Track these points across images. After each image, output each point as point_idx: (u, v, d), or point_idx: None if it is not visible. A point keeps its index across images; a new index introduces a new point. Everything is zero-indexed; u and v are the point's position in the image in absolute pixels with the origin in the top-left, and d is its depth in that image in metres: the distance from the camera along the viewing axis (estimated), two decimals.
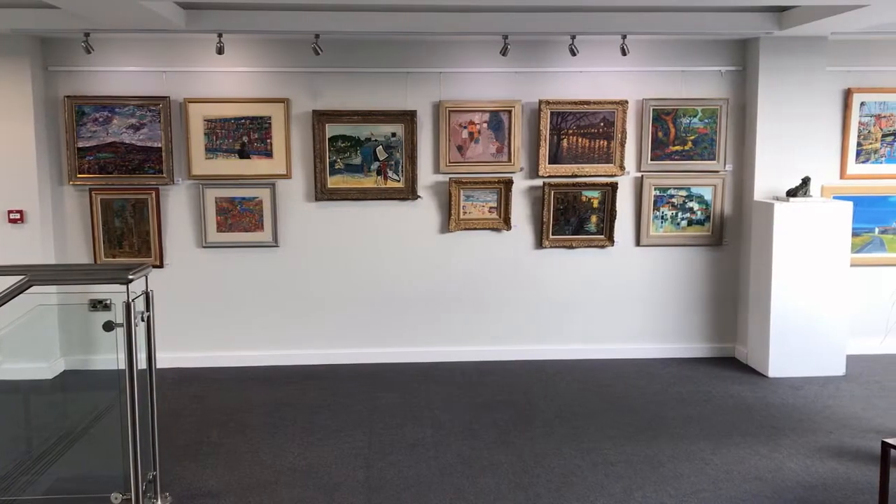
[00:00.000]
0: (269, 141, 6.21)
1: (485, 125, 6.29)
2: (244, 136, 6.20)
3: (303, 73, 6.18)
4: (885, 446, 3.70)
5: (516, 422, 5.11)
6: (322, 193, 6.27)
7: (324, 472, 4.37)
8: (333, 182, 6.27)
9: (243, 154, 6.22)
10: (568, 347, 6.54)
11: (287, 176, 6.26)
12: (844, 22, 5.30)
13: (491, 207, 6.38)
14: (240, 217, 6.28)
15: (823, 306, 5.94)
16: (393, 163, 6.27)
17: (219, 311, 6.38)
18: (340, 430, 5.00)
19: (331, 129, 6.21)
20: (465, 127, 6.28)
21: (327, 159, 6.23)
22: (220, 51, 5.66)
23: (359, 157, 6.25)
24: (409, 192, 6.31)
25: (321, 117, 6.18)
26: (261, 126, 6.19)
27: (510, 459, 4.52)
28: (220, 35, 5.62)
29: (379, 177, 6.28)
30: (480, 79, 6.26)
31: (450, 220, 6.35)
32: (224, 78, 6.17)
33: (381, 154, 6.26)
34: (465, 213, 6.37)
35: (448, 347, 6.49)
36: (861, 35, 6.05)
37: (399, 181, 6.30)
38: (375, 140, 6.24)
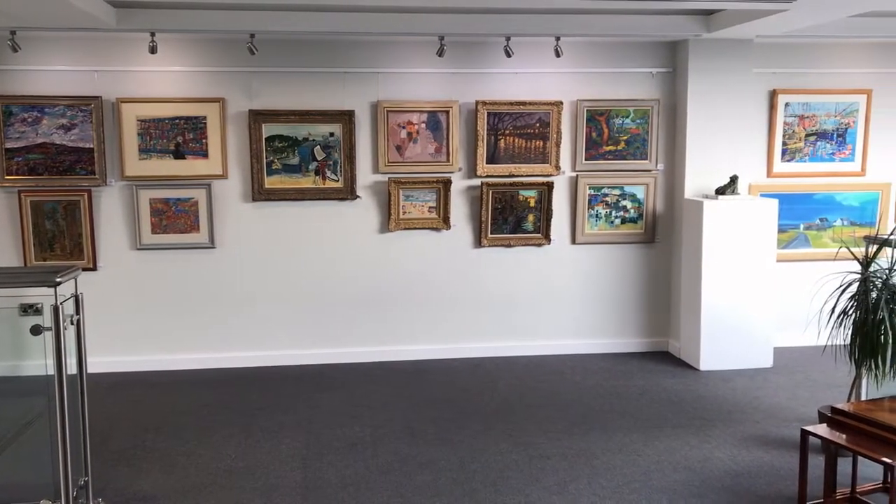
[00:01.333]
0: (204, 141, 6.15)
1: (423, 125, 6.33)
2: (179, 136, 6.12)
3: (238, 73, 6.13)
4: (804, 434, 3.86)
5: (455, 419, 5.17)
6: (259, 194, 6.23)
7: (261, 474, 4.35)
8: (271, 182, 6.24)
9: (178, 154, 6.14)
10: (507, 344, 6.63)
11: (223, 176, 6.21)
12: (767, 25, 5.50)
13: (430, 207, 6.43)
14: (175, 218, 6.20)
15: (751, 301, 6.14)
16: (331, 163, 6.27)
17: (155, 313, 6.29)
18: (279, 431, 4.99)
19: (268, 129, 6.18)
20: (403, 127, 6.32)
21: (264, 159, 6.20)
22: (152, 50, 5.59)
23: (296, 157, 6.24)
24: (347, 192, 6.32)
25: (258, 117, 6.15)
26: (196, 126, 6.13)
27: (448, 456, 4.57)
28: (152, 34, 5.55)
29: (317, 177, 6.27)
30: (418, 79, 6.30)
31: (389, 219, 6.37)
32: (157, 77, 6.08)
33: (320, 154, 6.25)
34: (404, 212, 6.41)
35: (389, 347, 6.52)
36: (784, 38, 6.27)
37: (338, 181, 6.30)
38: (313, 140, 6.23)
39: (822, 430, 3.86)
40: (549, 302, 6.65)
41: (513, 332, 6.64)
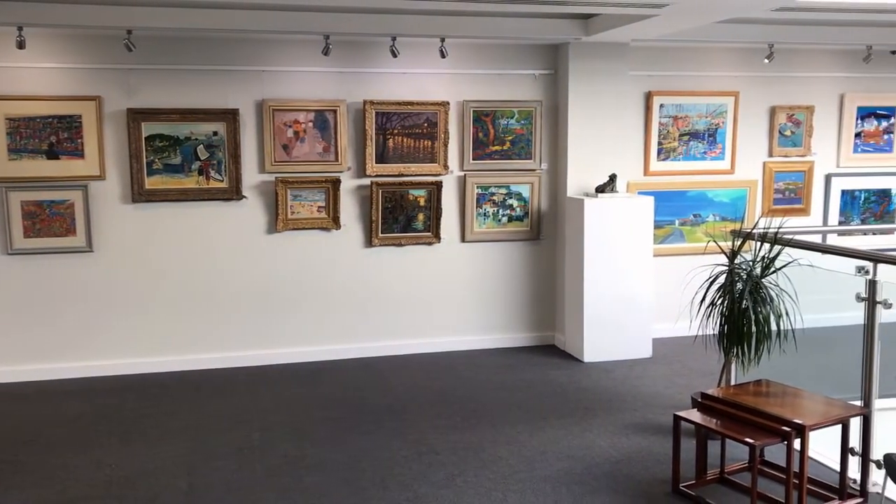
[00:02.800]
0: (80, 141, 5.90)
1: (310, 124, 6.29)
2: (52, 135, 5.86)
3: (115, 70, 5.92)
4: (677, 419, 4.07)
5: (346, 419, 5.17)
6: (140, 195, 6.04)
7: (143, 483, 4.23)
8: (152, 183, 6.06)
9: (52, 154, 5.88)
10: (400, 343, 6.67)
11: (101, 177, 5.98)
12: (641, 30, 5.74)
13: (319, 207, 6.39)
14: (49, 221, 5.93)
15: (631, 294, 6.40)
16: (215, 162, 6.14)
17: (28, 321, 6.00)
18: (162, 438, 4.86)
19: (147, 128, 5.99)
20: (290, 126, 6.25)
21: (144, 159, 6.01)
22: (20, 45, 5.32)
23: (179, 157, 6.07)
24: (233, 192, 6.20)
25: (136, 116, 5.95)
26: (71, 125, 5.88)
27: (338, 456, 4.57)
28: (20, 28, 5.28)
29: (201, 177, 6.13)
30: (304, 78, 6.26)
31: (277, 220, 6.30)
32: (28, 74, 5.80)
33: (203, 153, 6.11)
34: (292, 212, 6.34)
35: (279, 349, 6.44)
36: (658, 42, 6.57)
37: (222, 181, 6.18)
38: (196, 139, 6.08)
39: (693, 415, 4.09)
40: (439, 300, 6.73)
41: (405, 331, 6.68)
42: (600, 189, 6.43)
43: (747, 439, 3.69)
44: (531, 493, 4.08)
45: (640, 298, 6.43)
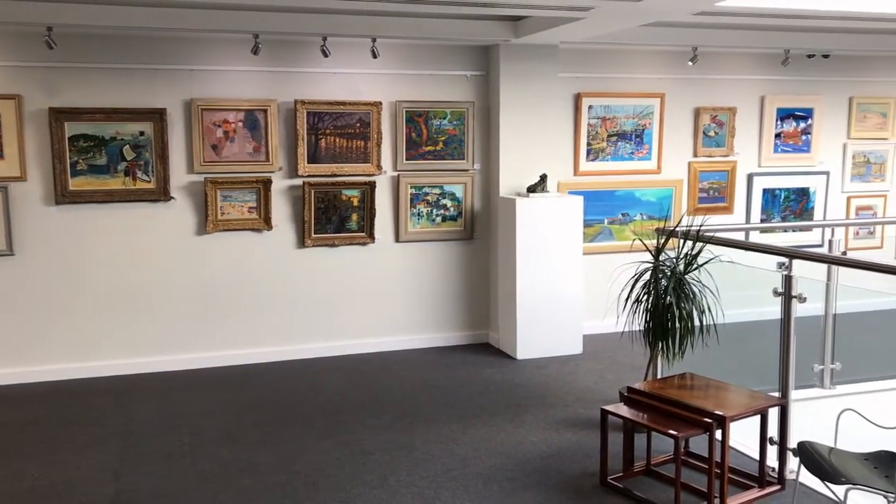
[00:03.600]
0: None
1: (240, 124, 6.22)
2: None
3: (36, 68, 5.75)
4: (604, 413, 4.16)
5: (279, 422, 5.13)
6: (63, 196, 5.87)
7: (68, 491, 4.13)
8: (76, 184, 5.90)
9: None
10: (334, 344, 6.64)
11: (22, 178, 5.80)
12: (569, 32, 5.85)
13: (250, 207, 6.32)
14: None
15: (562, 292, 6.51)
16: (142, 163, 6.01)
17: None
18: (89, 445, 4.74)
19: (71, 128, 5.83)
20: (219, 126, 6.17)
21: (68, 160, 5.85)
22: None
23: (104, 158, 5.93)
24: (161, 193, 6.09)
25: (59, 115, 5.79)
26: None
27: (270, 459, 4.53)
28: None
29: (127, 177, 6.00)
30: (234, 77, 6.18)
31: (207, 221, 6.21)
32: None
33: (129, 154, 5.98)
34: (223, 213, 6.26)
35: (211, 353, 6.35)
36: (586, 45, 6.69)
37: (150, 182, 6.06)
38: (122, 139, 5.95)
39: (619, 409, 4.18)
40: (374, 300, 6.73)
41: (339, 332, 6.66)
42: (531, 189, 6.52)
43: (671, 431, 3.80)
44: (463, 490, 4.12)
45: (570, 296, 6.54)
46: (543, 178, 6.51)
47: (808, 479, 3.51)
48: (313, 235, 6.48)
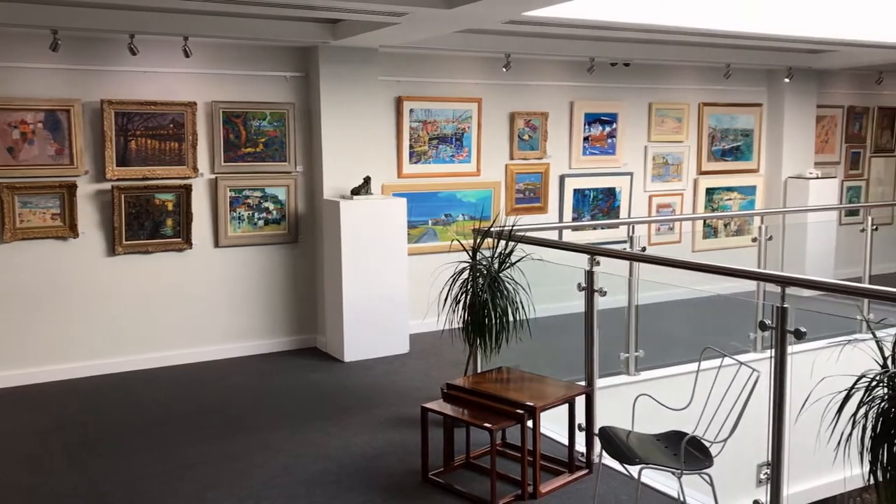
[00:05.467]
0: None
1: (40, 125, 5.81)
2: None
3: None
4: (424, 410, 4.26)
5: (89, 441, 4.84)
6: None
7: None
8: None
9: None
10: (153, 356, 6.35)
11: None
12: (386, 36, 5.92)
13: (54, 214, 5.93)
14: None
15: (388, 292, 6.57)
16: None
17: None
18: None
19: None
20: (15, 127, 5.74)
21: None
22: None
23: None
24: None
25: None
26: None
27: (77, 482, 4.27)
28: None
29: None
30: (31, 75, 5.76)
31: (4, 229, 5.75)
32: None
33: None
34: (22, 220, 5.83)
35: (13, 371, 5.88)
36: (406, 49, 6.80)
37: None
38: None
39: (439, 405, 4.29)
40: (195, 308, 6.50)
41: (158, 343, 6.37)
42: (355, 191, 6.54)
43: (486, 424, 3.95)
44: (285, 498, 4.07)
45: (396, 296, 6.62)
46: (367, 180, 6.55)
47: (612, 461, 3.76)
48: (125, 242, 6.17)
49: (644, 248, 5.87)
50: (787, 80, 8.65)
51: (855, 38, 7.20)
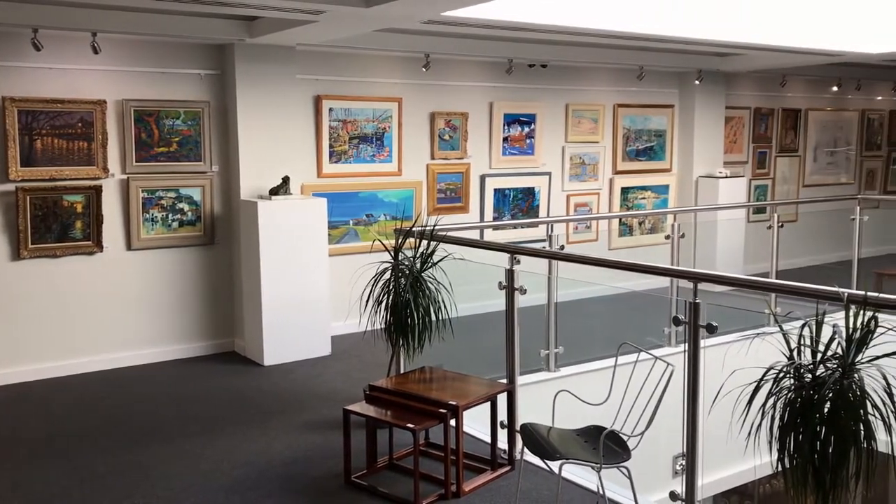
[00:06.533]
0: None
1: None
2: None
3: None
4: (346, 413, 4.22)
5: None
6: None
7: None
8: None
9: None
10: (62, 363, 6.09)
11: None
12: (303, 34, 5.84)
13: None
14: None
15: (309, 294, 6.49)
16: None
17: None
18: None
19: None
20: None
21: None
22: None
23: None
24: None
25: None
26: None
27: None
28: None
29: None
30: None
31: None
32: None
33: None
34: None
35: None
36: (325, 47, 6.73)
37: None
38: None
39: (361, 407, 4.26)
40: (107, 313, 6.27)
41: (69, 350, 6.12)
42: (274, 191, 6.43)
43: (409, 425, 3.94)
44: None
45: (317, 298, 6.54)
46: (286, 180, 6.45)
47: (533, 457, 3.80)
48: (31, 246, 5.91)
49: (563, 247, 5.96)
50: (697, 82, 8.94)
51: (759, 42, 7.50)
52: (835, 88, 10.57)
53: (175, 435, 4.91)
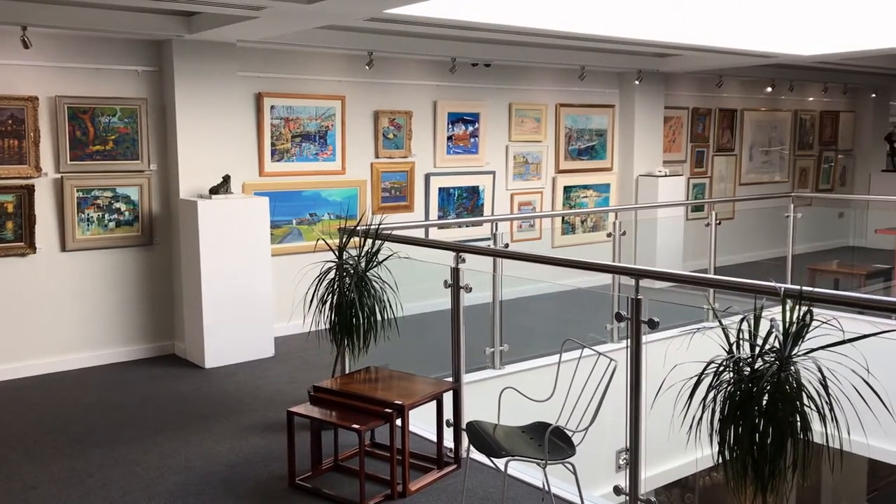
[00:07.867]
0: None
1: None
2: None
3: None
4: (290, 414, 4.16)
5: None
6: None
7: None
8: None
9: None
10: None
11: None
12: (244, 31, 5.75)
13: None
14: None
15: (251, 295, 6.38)
16: None
17: None
18: None
19: None
20: None
21: None
22: None
23: None
24: None
25: None
26: None
27: None
28: None
29: None
30: None
31: None
32: None
33: None
34: None
35: None
36: (267, 44, 6.62)
37: None
38: None
39: (305, 408, 4.20)
40: (41, 316, 6.07)
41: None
42: (214, 190, 6.30)
43: (354, 426, 3.90)
44: None
45: (259, 299, 6.45)
46: (227, 179, 6.34)
47: (479, 455, 3.81)
48: None
49: (507, 245, 5.99)
50: (636, 82, 9.09)
51: (696, 43, 7.66)
52: (769, 89, 10.88)
53: (112, 441, 4.78)
